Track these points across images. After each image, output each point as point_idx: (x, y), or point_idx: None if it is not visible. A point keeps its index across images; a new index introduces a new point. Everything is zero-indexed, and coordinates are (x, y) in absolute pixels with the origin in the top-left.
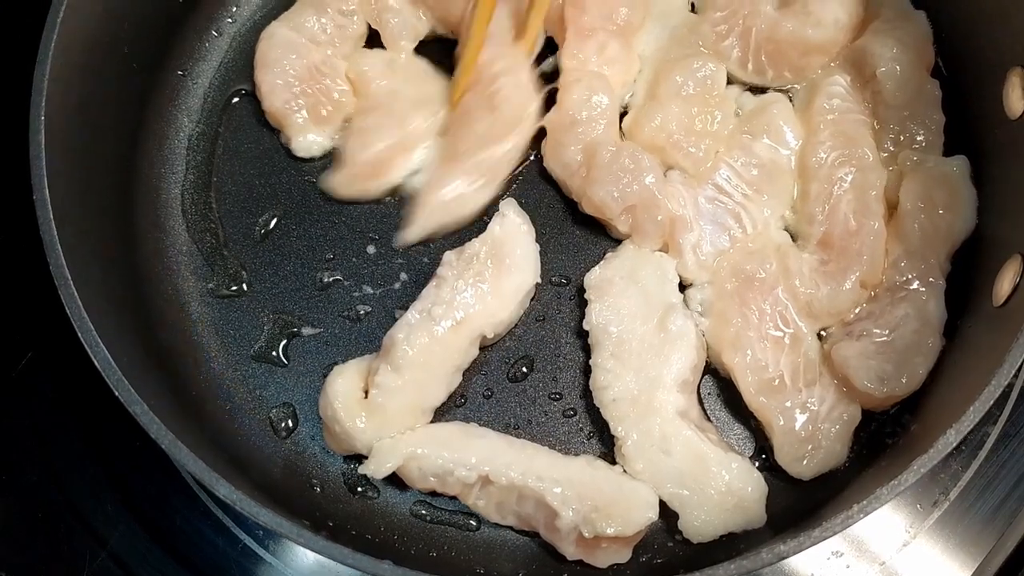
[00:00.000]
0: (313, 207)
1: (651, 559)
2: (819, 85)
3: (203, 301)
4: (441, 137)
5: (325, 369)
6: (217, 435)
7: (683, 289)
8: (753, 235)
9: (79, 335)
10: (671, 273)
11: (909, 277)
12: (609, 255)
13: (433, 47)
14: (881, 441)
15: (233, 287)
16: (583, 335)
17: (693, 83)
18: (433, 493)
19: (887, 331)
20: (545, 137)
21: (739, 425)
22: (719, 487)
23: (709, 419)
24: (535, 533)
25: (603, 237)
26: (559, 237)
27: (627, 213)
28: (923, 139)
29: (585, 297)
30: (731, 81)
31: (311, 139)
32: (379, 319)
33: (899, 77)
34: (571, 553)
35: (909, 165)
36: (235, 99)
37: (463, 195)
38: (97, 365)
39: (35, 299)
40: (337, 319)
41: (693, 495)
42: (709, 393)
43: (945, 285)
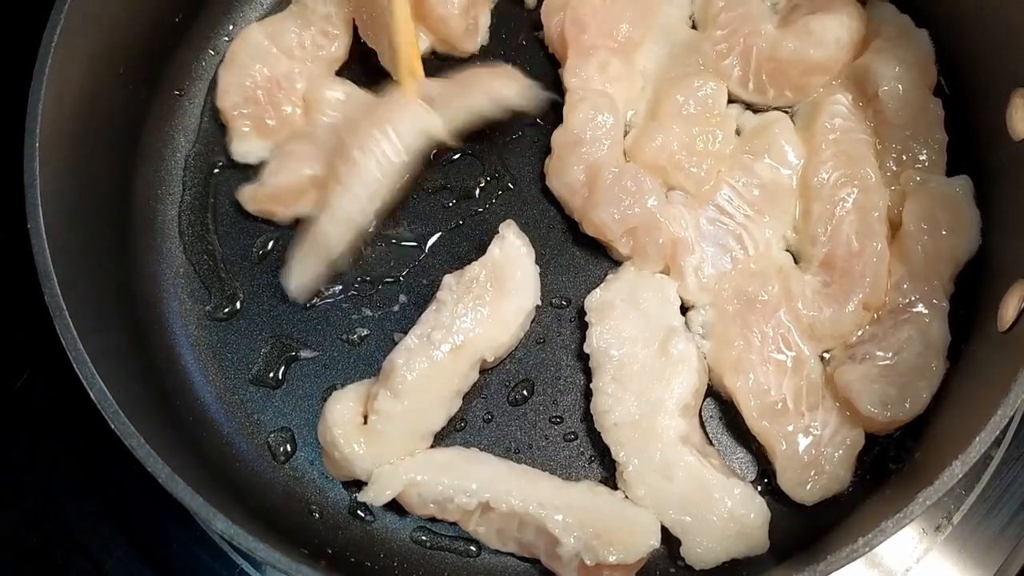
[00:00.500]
0: None
1: None
2: (821, 104)
3: (200, 324)
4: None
5: (324, 393)
6: (215, 461)
7: (684, 311)
8: (755, 256)
9: (75, 367)
10: (672, 296)
11: (912, 299)
12: (610, 277)
13: (431, 64)
14: (884, 466)
15: (230, 309)
16: (584, 358)
17: (694, 102)
18: (433, 519)
19: (890, 354)
20: (549, 155)
21: (741, 449)
22: (721, 513)
23: (711, 443)
24: (536, 560)
25: (604, 258)
26: (559, 258)
27: (628, 235)
28: (926, 159)
29: (586, 320)
30: (732, 100)
31: (250, 146)
32: (378, 342)
33: (901, 96)
34: None
35: (912, 185)
36: None
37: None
38: (93, 397)
39: (32, 317)
40: (335, 342)
41: (695, 521)
42: (711, 416)
43: (948, 307)
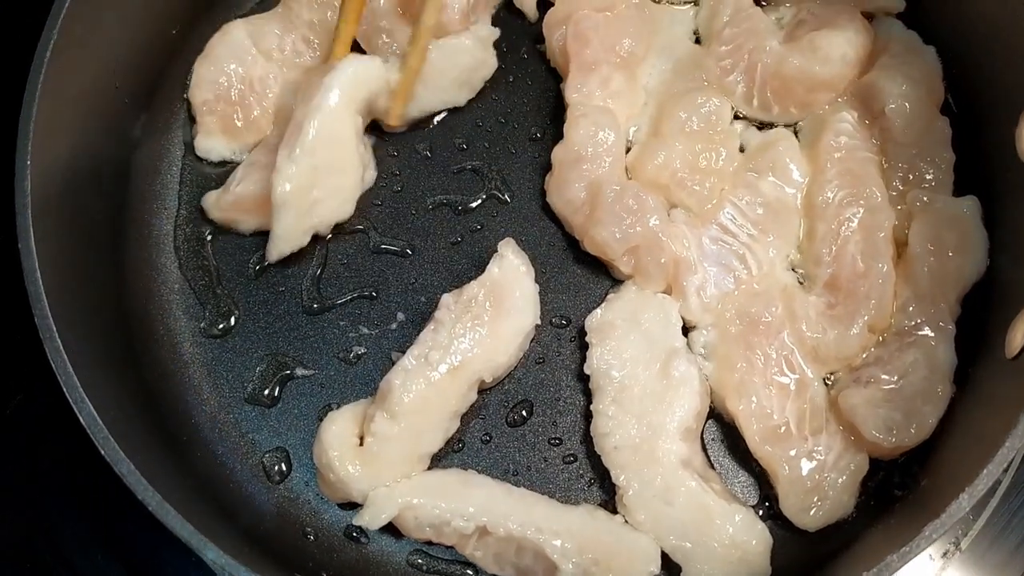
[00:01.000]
0: (308, 244)
1: None
2: (826, 121)
3: (195, 341)
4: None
5: (320, 412)
6: (208, 482)
7: (686, 332)
8: (758, 276)
9: (65, 392)
10: (674, 316)
11: (918, 321)
12: (611, 296)
13: None
14: (889, 492)
15: (225, 326)
16: (584, 379)
17: (697, 119)
18: (430, 542)
19: (895, 377)
20: (550, 171)
21: (743, 472)
22: (723, 540)
23: (713, 466)
24: None
25: (605, 277)
26: (560, 276)
27: (630, 254)
28: (932, 178)
29: (586, 340)
30: (736, 116)
31: (213, 144)
32: (375, 360)
33: (908, 114)
34: None
35: (918, 205)
36: None
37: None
38: (83, 423)
39: (26, 338)
40: (332, 360)
41: (696, 548)
42: (712, 439)
43: (955, 330)
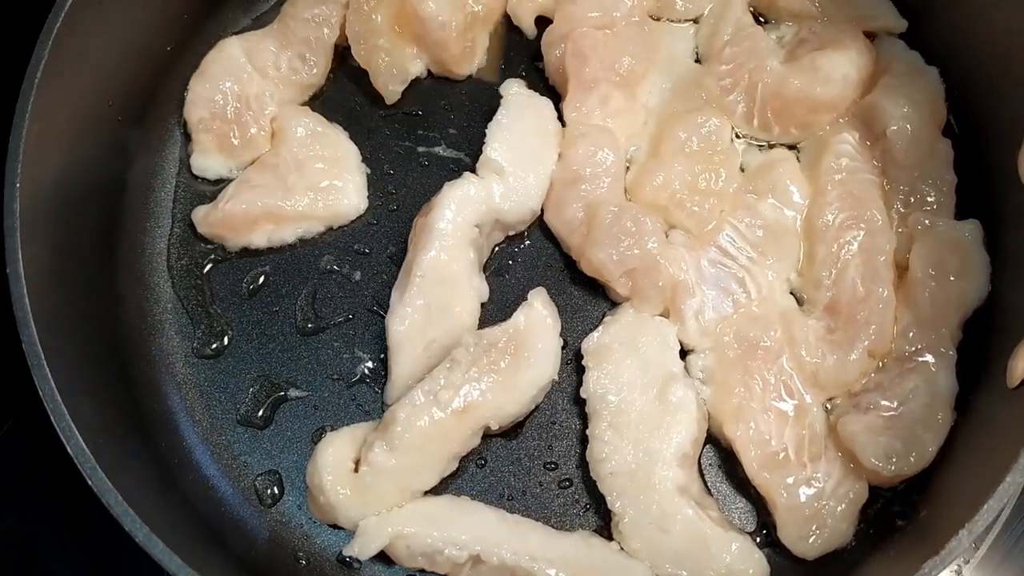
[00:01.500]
0: (303, 264)
1: None
2: (827, 143)
3: (187, 362)
4: None
5: (313, 434)
6: (199, 506)
7: (684, 355)
8: (757, 300)
9: (52, 420)
10: (672, 340)
11: (919, 347)
12: (608, 319)
13: (425, 85)
14: (889, 521)
15: (218, 346)
16: (580, 402)
17: (697, 139)
18: (423, 571)
19: (895, 404)
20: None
21: (741, 498)
22: (719, 569)
23: (710, 492)
24: None
25: (602, 298)
26: (557, 297)
27: (627, 277)
28: (934, 200)
29: (583, 363)
30: (736, 136)
31: (210, 162)
32: (370, 383)
33: (910, 136)
34: None
35: (919, 228)
36: None
37: None
38: (70, 452)
39: (15, 363)
40: (326, 381)
41: None
42: (710, 464)
43: (956, 356)
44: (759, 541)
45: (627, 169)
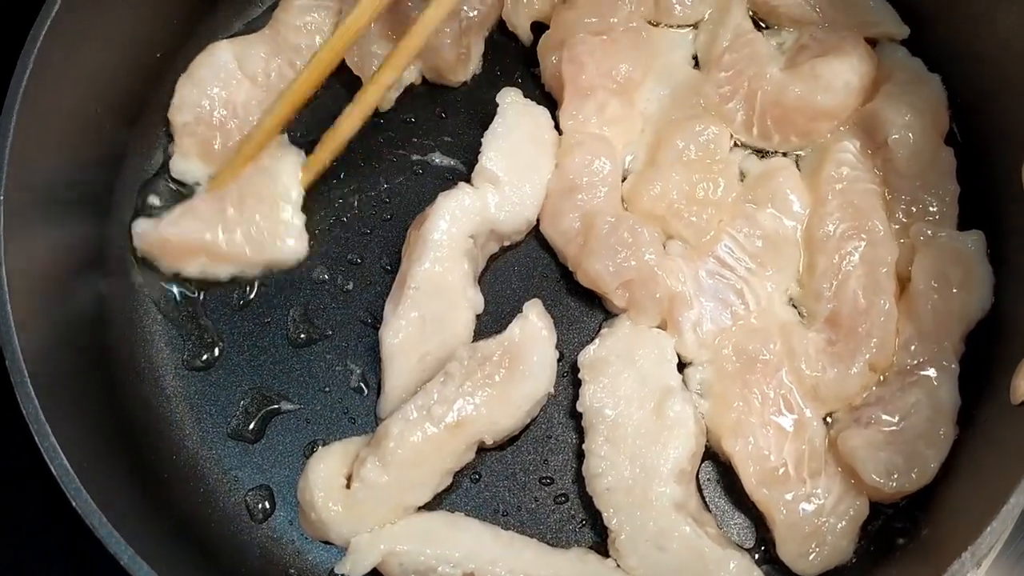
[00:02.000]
0: (295, 276)
1: None
2: (828, 151)
3: (177, 374)
4: None
5: (305, 448)
6: (189, 522)
7: (682, 368)
8: (756, 312)
9: (36, 440)
10: (669, 353)
11: (921, 361)
12: (604, 331)
13: (419, 92)
14: (890, 538)
15: (208, 358)
16: (576, 416)
17: (695, 147)
18: None
19: (897, 418)
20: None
21: (739, 514)
22: None
23: (708, 508)
24: None
25: (599, 309)
26: (552, 308)
27: (624, 288)
28: (936, 210)
29: (579, 376)
30: (735, 144)
31: (190, 166)
32: (364, 396)
33: (912, 144)
34: None
35: (922, 239)
36: None
37: None
38: (54, 473)
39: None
40: (319, 394)
41: None
42: (708, 479)
43: (959, 369)
44: (758, 558)
45: (624, 178)
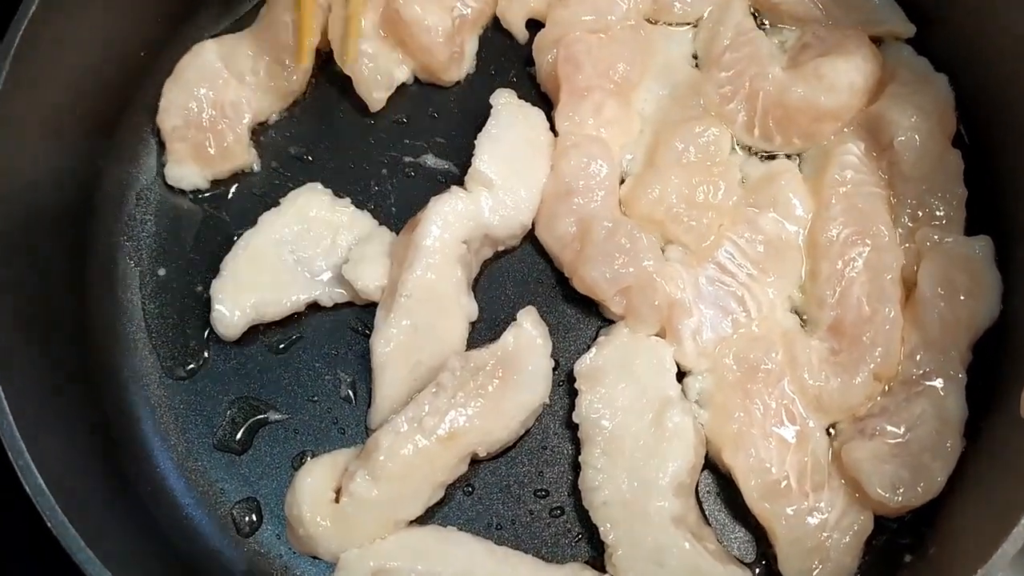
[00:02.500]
0: None
1: None
2: (831, 153)
3: (161, 383)
4: None
5: (293, 459)
6: (173, 537)
7: (681, 376)
8: (758, 319)
9: (10, 457)
10: (668, 362)
11: (927, 370)
12: (601, 339)
13: (412, 91)
14: (895, 554)
15: (193, 366)
16: (572, 426)
17: (695, 149)
18: None
19: (902, 430)
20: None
21: (740, 528)
22: None
23: (707, 521)
24: None
25: (596, 316)
26: (548, 315)
27: (621, 295)
28: (943, 215)
29: (575, 386)
30: (735, 146)
31: (185, 172)
32: (353, 406)
33: (918, 147)
34: None
35: (928, 244)
36: None
37: None
38: (29, 492)
39: None
40: (307, 404)
41: None
42: (708, 491)
43: (966, 379)
44: (758, 573)
45: (622, 181)
